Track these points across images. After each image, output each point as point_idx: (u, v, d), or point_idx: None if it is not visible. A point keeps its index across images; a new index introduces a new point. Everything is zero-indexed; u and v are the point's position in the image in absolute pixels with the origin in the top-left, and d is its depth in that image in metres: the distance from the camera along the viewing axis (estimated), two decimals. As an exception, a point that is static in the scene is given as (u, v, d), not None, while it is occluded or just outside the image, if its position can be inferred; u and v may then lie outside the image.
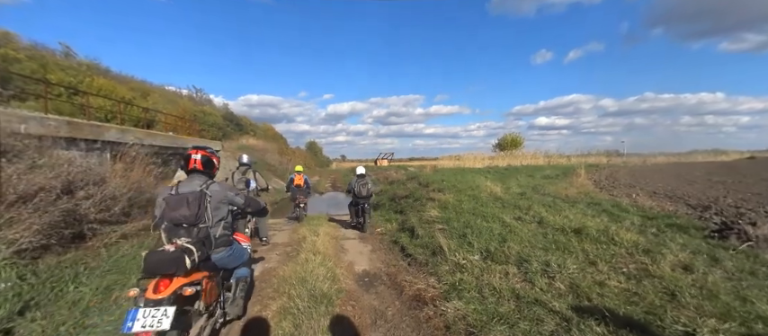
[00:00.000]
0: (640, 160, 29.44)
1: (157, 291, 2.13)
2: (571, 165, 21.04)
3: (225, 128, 31.31)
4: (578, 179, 13.14)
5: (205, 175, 2.79)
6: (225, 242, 2.80)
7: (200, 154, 2.77)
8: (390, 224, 7.86)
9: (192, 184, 2.66)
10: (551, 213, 6.29)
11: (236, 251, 3.00)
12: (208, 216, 2.60)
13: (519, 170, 17.39)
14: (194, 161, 2.75)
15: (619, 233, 4.82)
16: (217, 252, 2.73)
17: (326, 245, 6.07)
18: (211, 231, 2.63)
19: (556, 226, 5.42)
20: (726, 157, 39.06)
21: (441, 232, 5.66)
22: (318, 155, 48.53)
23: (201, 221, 2.56)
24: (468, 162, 22.68)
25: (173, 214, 2.51)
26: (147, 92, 28.55)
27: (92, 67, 25.88)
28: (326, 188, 21.68)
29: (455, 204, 7.10)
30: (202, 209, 2.57)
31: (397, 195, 10.05)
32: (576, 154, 28.62)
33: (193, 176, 2.75)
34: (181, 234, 2.50)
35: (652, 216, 6.17)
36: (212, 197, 2.65)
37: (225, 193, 2.76)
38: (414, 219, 6.72)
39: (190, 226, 2.53)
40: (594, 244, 4.55)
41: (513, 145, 30.81)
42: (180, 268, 2.21)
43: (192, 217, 2.51)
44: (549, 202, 7.52)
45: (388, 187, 12.11)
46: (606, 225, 5.41)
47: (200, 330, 2.53)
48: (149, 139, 13.39)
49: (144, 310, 2.03)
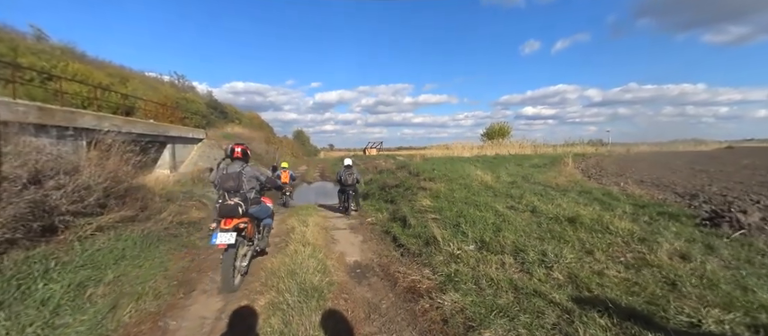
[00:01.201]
0: (624, 149, 30.04)
1: (226, 224, 3.94)
2: (558, 155, 21.26)
3: (209, 116, 30.43)
4: (566, 168, 13.23)
5: (243, 161, 4.46)
6: (256, 201, 4.50)
7: (240, 148, 4.51)
8: (381, 213, 7.72)
9: (235, 166, 4.31)
10: (544, 202, 6.24)
11: (263, 207, 4.76)
12: (244, 186, 4.23)
13: (507, 159, 17.45)
14: (237, 152, 4.45)
15: (613, 221, 4.78)
16: (252, 207, 4.34)
17: (316, 236, 5.89)
18: (248, 195, 4.27)
19: (549, 215, 5.36)
20: (705, 147, 40.29)
21: (434, 221, 5.54)
22: (306, 145, 47.92)
23: (241, 189, 4.20)
24: (456, 151, 22.66)
25: (225, 184, 4.17)
26: (127, 78, 27.27)
27: (66, 51, 24.49)
28: (315, 177, 21.38)
29: (447, 193, 6.99)
30: (240, 181, 4.19)
31: (386, 184, 9.90)
32: (562, 144, 29.09)
33: (236, 162, 4.40)
34: (232, 196, 4.13)
35: (643, 204, 6.19)
36: (246, 175, 4.29)
37: (254, 173, 4.47)
38: (405, 209, 6.59)
39: (234, 192, 4.16)
40: (590, 233, 4.50)
41: (500, 135, 30.92)
42: (236, 213, 3.98)
43: (236, 186, 4.16)
44: (541, 191, 7.49)
45: (378, 176, 11.94)
46: (599, 213, 5.39)
47: (247, 250, 4.39)
48: (128, 126, 12.82)
49: (221, 233, 3.83)
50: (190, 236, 5.77)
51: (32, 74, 15.12)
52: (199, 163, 16.91)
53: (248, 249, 4.44)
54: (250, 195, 4.30)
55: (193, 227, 6.25)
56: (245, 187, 4.22)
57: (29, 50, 20.47)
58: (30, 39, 23.05)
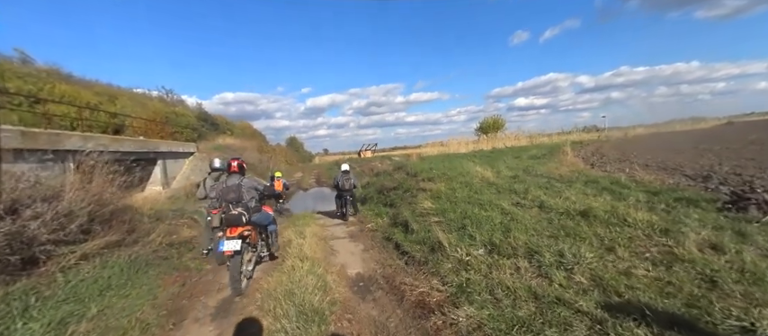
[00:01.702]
0: (622, 133, 29.86)
1: (232, 232, 4.19)
2: (555, 144, 21.00)
3: (200, 129, 30.00)
4: (566, 157, 12.97)
5: (240, 174, 4.76)
6: (257, 210, 4.72)
7: (236, 162, 4.81)
8: (381, 218, 7.40)
9: (233, 179, 4.63)
10: (550, 195, 5.95)
11: (264, 215, 4.95)
12: (244, 196, 4.53)
13: (504, 152, 17.17)
14: (234, 167, 4.75)
15: (629, 212, 4.49)
16: (254, 215, 4.57)
17: (314, 248, 5.56)
18: (249, 204, 4.55)
19: (559, 210, 5.06)
20: (705, 124, 39.87)
21: (437, 225, 5.23)
22: (300, 151, 47.50)
23: (242, 199, 4.49)
24: (452, 147, 22.35)
25: (227, 196, 4.46)
26: (115, 96, 26.85)
27: (52, 73, 24.13)
28: (310, 184, 21.01)
29: (448, 193, 6.68)
30: (241, 193, 4.50)
31: (384, 187, 9.59)
32: (558, 133, 28.84)
33: (233, 175, 4.71)
34: (234, 206, 4.37)
35: (655, 190, 5.90)
36: (245, 186, 4.61)
37: (252, 184, 4.79)
38: (406, 212, 6.27)
39: (236, 203, 4.43)
40: (606, 227, 4.20)
41: (494, 128, 30.64)
42: (240, 222, 4.25)
43: (237, 197, 4.46)
44: (545, 184, 7.19)
45: (375, 179, 11.63)
46: (612, 204, 5.10)
47: (251, 255, 4.76)
48: (115, 145, 12.44)
49: (227, 241, 4.09)
50: (181, 258, 5.42)
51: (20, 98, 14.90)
52: (191, 177, 16.51)
53: (253, 255, 4.82)
54: (251, 204, 4.62)
55: (185, 247, 5.89)
56: (245, 197, 4.55)
57: (15, 74, 20.16)
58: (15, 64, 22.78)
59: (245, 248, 4.38)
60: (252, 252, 4.81)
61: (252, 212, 4.54)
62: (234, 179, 4.63)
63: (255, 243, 4.84)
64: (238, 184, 4.55)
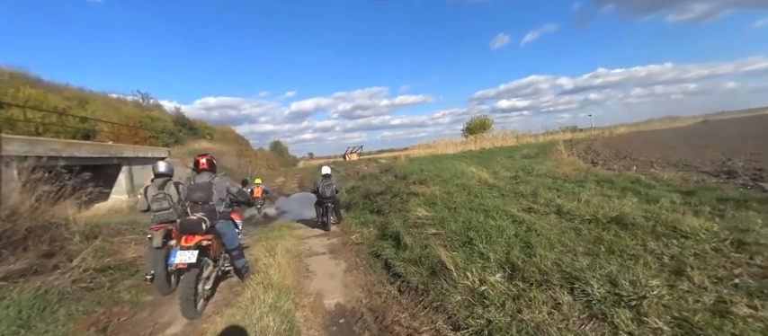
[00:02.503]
0: (607, 132, 29.66)
1: (187, 241, 3.62)
2: (543, 143, 20.40)
3: (177, 134, 28.41)
4: (562, 155, 12.20)
5: (211, 172, 4.21)
6: (225, 216, 4.16)
7: (205, 158, 4.23)
8: (367, 228, 6.32)
9: (203, 177, 4.10)
10: (566, 198, 5.00)
11: (230, 224, 4.24)
12: (214, 197, 3.99)
13: (494, 152, 16.34)
14: (202, 163, 4.17)
15: (677, 219, 3.55)
16: (220, 222, 4.02)
17: (285, 270, 4.43)
18: (217, 208, 4.00)
19: (584, 217, 4.09)
20: (681, 123, 40.49)
21: (436, 238, 4.18)
22: (284, 155, 45.97)
23: (210, 200, 3.96)
24: (440, 148, 21.46)
25: (192, 195, 3.97)
26: (86, 100, 25.40)
27: (16, 77, 22.48)
28: (293, 188, 19.67)
29: (445, 198, 5.65)
30: (210, 193, 3.97)
31: (371, 191, 8.52)
32: (543, 132, 28.39)
33: (203, 173, 4.14)
34: (197, 209, 3.87)
35: (687, 190, 5.02)
36: (217, 186, 4.05)
37: (225, 184, 4.18)
38: (397, 222, 5.21)
39: (203, 203, 3.93)
40: (656, 239, 3.24)
41: (481, 128, 29.90)
42: (199, 229, 3.65)
43: (205, 197, 3.94)
44: (552, 184, 6.26)
45: (361, 182, 10.53)
46: (644, 208, 4.18)
47: (211, 271, 4.00)
48: (70, 150, 10.96)
49: (180, 251, 3.49)
50: (114, 287, 4.19)
51: None
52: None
53: (213, 270, 4.06)
54: (219, 208, 4.04)
55: (124, 272, 4.67)
56: (214, 199, 3.98)
57: None
58: None
59: (203, 261, 3.72)
60: (213, 267, 4.03)
61: (218, 217, 3.97)
62: (204, 177, 4.07)
63: (217, 255, 4.15)
64: (209, 183, 3.99)
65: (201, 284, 3.70)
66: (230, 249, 4.22)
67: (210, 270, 3.98)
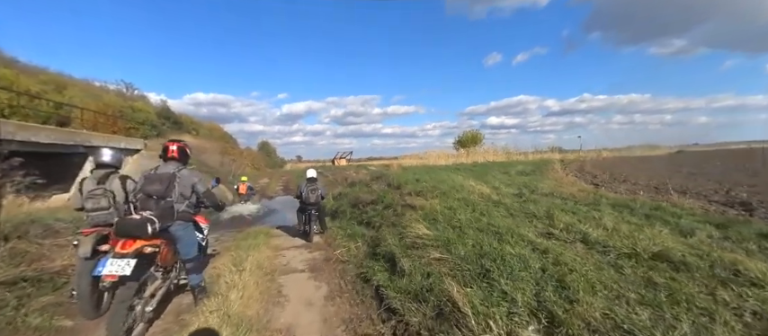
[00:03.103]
0: (595, 154, 29.67)
1: (124, 247, 2.72)
2: (535, 161, 19.99)
3: (160, 127, 27.05)
4: (558, 174, 11.65)
5: (179, 162, 3.44)
6: (186, 217, 3.33)
7: (176, 145, 3.48)
8: (355, 242, 5.47)
9: (168, 167, 3.32)
10: (588, 224, 4.28)
11: (190, 229, 3.43)
12: (175, 193, 3.18)
13: (487, 166, 15.73)
14: (172, 151, 3.42)
15: (738, 260, 2.86)
16: (177, 224, 3.22)
17: (251, 292, 3.56)
18: (177, 206, 3.20)
19: (620, 250, 3.36)
20: (659, 151, 41.27)
21: (441, 264, 3.38)
22: (272, 156, 44.64)
23: (169, 196, 3.15)
24: (431, 159, 20.77)
25: (147, 187, 3.15)
26: (64, 86, 24.01)
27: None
28: (277, 191, 18.63)
29: (447, 214, 4.86)
30: (171, 187, 3.16)
31: (360, 200, 7.68)
32: (532, 151, 28.10)
33: (170, 162, 3.39)
34: (150, 205, 3.08)
35: (716, 222, 4.39)
36: (181, 178, 3.26)
37: (192, 179, 3.35)
38: (391, 239, 4.38)
39: (158, 199, 3.12)
40: (723, 287, 2.52)
41: (473, 142, 29.45)
42: (142, 231, 2.75)
43: (162, 192, 3.13)
44: (563, 205, 5.56)
45: (349, 190, 9.69)
46: (686, 242, 3.50)
47: (158, 286, 3.13)
48: (25, 134, 9.78)
49: (112, 260, 2.62)
50: (22, 309, 3.19)
51: None
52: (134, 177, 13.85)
53: (162, 285, 3.21)
54: (180, 206, 3.26)
55: (45, 285, 3.68)
56: (175, 194, 3.21)
57: None
58: None
59: (146, 274, 2.93)
60: (161, 281, 3.19)
61: (175, 217, 3.17)
62: (169, 167, 3.33)
63: (170, 264, 3.36)
64: (172, 174, 3.22)
65: (142, 304, 2.88)
66: (185, 259, 3.40)
67: (157, 286, 3.13)
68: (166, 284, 3.30)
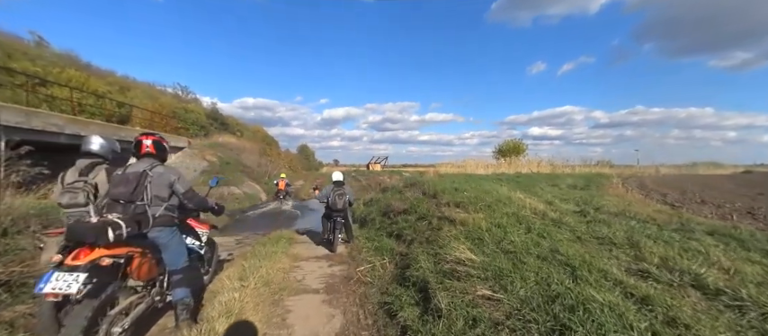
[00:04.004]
0: (653, 170, 26.68)
1: (76, 258, 2.13)
2: (584, 175, 18.05)
3: (208, 127, 28.11)
4: (619, 190, 10.08)
5: (155, 158, 2.83)
6: (164, 222, 2.72)
7: (151, 139, 2.83)
8: (382, 257, 4.62)
9: (140, 165, 2.70)
10: (694, 261, 3.11)
11: (174, 237, 2.81)
12: (147, 195, 2.59)
13: (532, 177, 14.27)
14: (145, 145, 2.80)
15: None
16: (156, 230, 2.66)
17: (248, 317, 2.81)
18: (150, 210, 2.60)
19: (762, 306, 2.23)
20: (724, 170, 36.66)
21: (493, 307, 2.42)
22: (310, 159, 45.08)
23: (138, 199, 2.55)
24: (470, 168, 19.49)
25: (113, 190, 2.58)
26: (127, 88, 26.01)
27: (64, 58, 22.96)
28: (309, 193, 18.28)
29: (496, 233, 3.85)
30: (140, 188, 2.57)
31: (391, 208, 6.83)
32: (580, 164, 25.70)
33: (144, 159, 2.78)
34: (117, 211, 2.48)
35: None
36: (154, 178, 2.66)
37: (168, 177, 2.74)
38: (424, 261, 3.47)
39: (126, 203, 2.52)
40: None
41: (515, 152, 27.59)
42: (101, 238, 2.17)
43: (128, 194, 2.52)
44: (642, 230, 4.35)
45: (381, 196, 8.90)
46: None
47: (132, 302, 2.50)
48: (73, 127, 10.01)
49: (58, 274, 2.06)
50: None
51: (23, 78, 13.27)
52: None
53: (137, 301, 2.56)
54: (156, 211, 2.66)
55: (28, 291, 3.18)
56: (147, 196, 2.61)
57: (25, 56, 18.96)
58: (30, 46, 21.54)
59: (111, 288, 2.31)
60: (137, 295, 2.58)
61: (151, 223, 2.59)
62: (140, 165, 2.74)
63: (151, 277, 2.70)
64: (141, 174, 2.62)
65: (108, 323, 2.26)
66: (171, 270, 2.81)
67: (133, 301, 2.53)
68: (146, 300, 2.65)
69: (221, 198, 11.58)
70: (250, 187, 15.10)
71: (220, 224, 8.98)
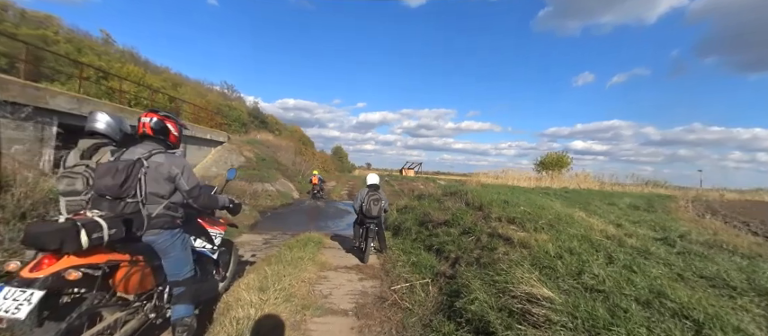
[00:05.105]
0: (717, 194, 23.84)
1: (36, 269, 1.63)
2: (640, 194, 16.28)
3: (248, 124, 28.93)
4: (687, 214, 8.71)
5: (156, 142, 2.30)
6: (165, 223, 2.21)
7: (156, 117, 2.29)
8: (421, 274, 3.96)
9: (135, 152, 2.19)
10: None
11: (175, 242, 2.27)
12: (141, 189, 2.08)
13: (582, 194, 12.94)
14: (144, 124, 2.27)
15: None
16: (151, 233, 2.16)
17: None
18: (146, 208, 2.11)
19: None
20: (797, 200, 32.22)
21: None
22: (343, 161, 45.28)
23: (129, 194, 2.05)
24: (511, 179, 18.24)
25: (98, 182, 2.05)
26: (179, 84, 27.66)
27: (126, 54, 24.68)
28: (341, 195, 17.92)
29: (570, 262, 3.04)
30: (132, 181, 2.05)
31: (430, 218, 6.13)
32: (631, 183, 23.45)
33: (143, 143, 2.27)
34: (103, 208, 2.00)
35: None
36: (150, 168, 2.12)
37: (169, 168, 2.17)
38: (480, 292, 2.75)
39: (114, 200, 2.03)
40: None
41: (558, 165, 25.73)
42: (69, 243, 1.67)
43: (115, 189, 2.00)
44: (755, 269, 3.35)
45: (416, 203, 8.20)
46: None
47: (117, 322, 2.00)
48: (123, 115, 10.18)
49: (8, 290, 1.53)
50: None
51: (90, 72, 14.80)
52: (213, 168, 14.11)
53: (126, 318, 2.07)
54: (153, 209, 2.14)
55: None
56: (140, 192, 2.06)
57: (92, 51, 20.68)
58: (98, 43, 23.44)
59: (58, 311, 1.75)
60: (126, 312, 2.08)
61: (147, 224, 2.11)
62: (137, 150, 2.20)
63: (138, 291, 2.15)
64: (133, 163, 2.07)
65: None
66: (172, 281, 2.32)
67: (120, 319, 2.04)
68: (138, 316, 2.18)
69: (254, 195, 11.40)
70: (283, 185, 14.93)
71: (248, 221, 8.69)
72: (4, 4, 17.65)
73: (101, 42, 23.85)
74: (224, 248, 3.31)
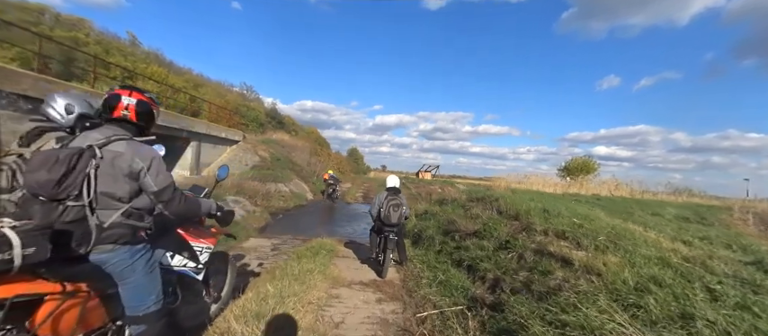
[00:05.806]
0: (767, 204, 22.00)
1: None
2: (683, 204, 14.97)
3: (265, 124, 28.91)
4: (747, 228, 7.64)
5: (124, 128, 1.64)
6: (122, 237, 1.58)
7: (135, 96, 1.67)
8: (451, 297, 3.24)
9: (88, 137, 1.57)
10: None
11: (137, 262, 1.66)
12: (88, 188, 1.46)
13: (616, 201, 11.86)
14: (125, 106, 1.64)
15: None
16: (101, 250, 1.55)
17: None
18: (96, 215, 1.50)
19: None
20: None
21: None
22: (359, 163, 44.79)
23: (70, 195, 1.43)
24: (535, 184, 17.19)
25: (28, 177, 1.42)
26: (200, 84, 27.98)
27: (151, 55, 25.10)
28: (356, 198, 17.29)
29: (661, 297, 2.27)
30: (76, 177, 1.43)
31: (455, 227, 5.40)
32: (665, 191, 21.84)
33: (104, 127, 1.63)
34: (33, 212, 1.40)
35: None
36: (104, 160, 1.50)
37: (131, 160, 1.55)
38: None
39: (49, 202, 1.42)
40: None
41: (584, 171, 24.32)
42: None
43: (50, 187, 1.39)
44: None
45: (438, 209, 7.47)
46: None
47: None
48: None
49: None
50: None
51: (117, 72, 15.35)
52: (227, 167, 13.72)
53: None
54: (108, 217, 1.53)
55: None
56: (87, 191, 1.45)
57: (119, 52, 21.15)
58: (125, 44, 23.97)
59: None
60: None
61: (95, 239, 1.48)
62: (92, 135, 1.57)
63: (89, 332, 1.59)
64: (83, 152, 1.45)
65: None
66: (130, 317, 1.70)
67: None
68: None
69: (267, 196, 10.87)
70: (297, 185, 14.43)
71: (258, 223, 8.14)
72: (42, 8, 18.37)
73: (127, 44, 24.37)
74: (216, 264, 2.70)
